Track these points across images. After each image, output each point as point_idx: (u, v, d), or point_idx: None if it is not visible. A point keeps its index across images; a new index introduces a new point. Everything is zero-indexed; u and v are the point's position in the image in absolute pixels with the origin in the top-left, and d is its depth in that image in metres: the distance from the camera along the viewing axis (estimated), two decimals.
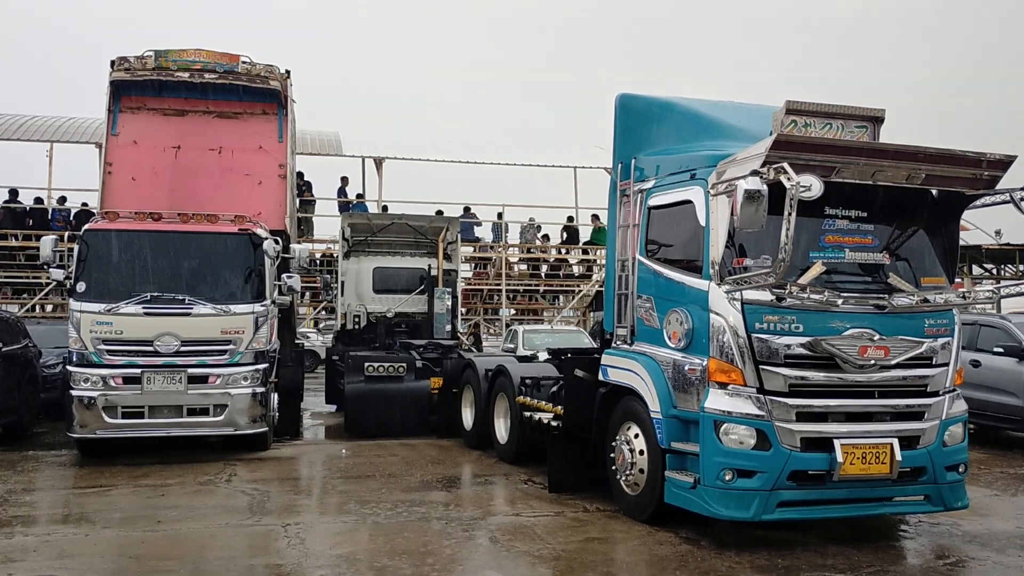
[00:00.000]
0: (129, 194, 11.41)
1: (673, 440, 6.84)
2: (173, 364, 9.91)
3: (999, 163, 6.64)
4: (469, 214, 22.89)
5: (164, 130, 12.08)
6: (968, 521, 7.50)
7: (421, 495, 8.34)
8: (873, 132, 6.96)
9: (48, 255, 10.24)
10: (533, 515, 7.60)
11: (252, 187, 12.01)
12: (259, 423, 10.30)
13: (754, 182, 5.76)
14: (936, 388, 6.82)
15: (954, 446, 6.88)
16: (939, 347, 6.83)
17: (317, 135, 22.80)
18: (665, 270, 7.21)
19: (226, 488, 8.67)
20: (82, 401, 9.73)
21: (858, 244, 6.74)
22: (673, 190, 7.19)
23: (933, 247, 7.12)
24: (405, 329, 15.09)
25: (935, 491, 6.78)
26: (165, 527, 7.13)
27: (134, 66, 11.83)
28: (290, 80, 12.54)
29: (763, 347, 6.42)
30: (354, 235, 16.05)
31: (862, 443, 6.46)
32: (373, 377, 12.04)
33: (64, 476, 9.44)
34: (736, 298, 6.41)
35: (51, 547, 6.52)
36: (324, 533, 7.03)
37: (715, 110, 7.80)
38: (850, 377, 6.53)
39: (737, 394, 6.43)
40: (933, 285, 6.96)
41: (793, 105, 6.69)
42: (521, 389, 9.79)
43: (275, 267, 10.85)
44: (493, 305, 24.41)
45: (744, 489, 6.35)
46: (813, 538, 6.92)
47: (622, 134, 8.02)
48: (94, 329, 9.81)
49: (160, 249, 10.29)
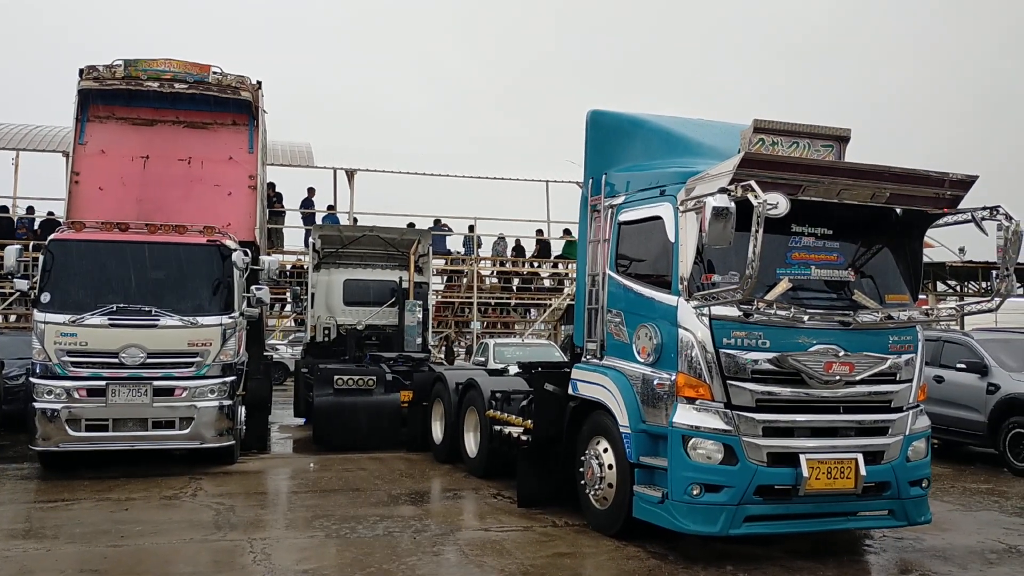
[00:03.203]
0: (96, 204, 11.28)
1: (642, 455, 6.87)
2: (139, 376, 9.79)
3: (961, 183, 6.78)
4: (440, 226, 22.88)
5: (133, 140, 11.96)
6: (931, 536, 7.59)
7: (389, 509, 8.30)
8: (839, 151, 7.07)
9: (12, 265, 10.09)
10: (502, 530, 7.59)
11: (221, 198, 11.91)
12: (226, 436, 10.19)
13: (722, 199, 5.83)
14: (900, 404, 6.92)
15: (917, 461, 6.98)
16: (903, 363, 6.93)
17: (288, 146, 22.67)
18: (635, 285, 7.26)
19: (191, 502, 8.56)
20: (45, 414, 9.57)
21: (824, 261, 6.83)
22: (643, 206, 7.25)
23: (898, 265, 7.23)
24: (375, 342, 15.01)
25: (899, 506, 6.87)
26: (129, 542, 7.02)
27: (103, 75, 11.70)
28: (261, 91, 12.47)
29: (731, 362, 6.47)
30: (325, 247, 15.98)
31: (827, 458, 6.53)
32: (342, 390, 11.97)
33: (26, 490, 9.26)
34: (704, 313, 6.47)
35: (11, 563, 6.39)
36: (291, 548, 6.96)
37: (684, 127, 7.89)
38: (816, 392, 6.61)
39: (705, 409, 6.48)
40: (897, 302, 7.08)
41: (761, 124, 6.78)
42: (491, 403, 9.78)
43: (244, 279, 10.76)
44: (464, 318, 24.38)
45: (711, 504, 6.39)
46: (779, 552, 6.98)
47: (593, 150, 8.08)
48: (58, 340, 9.67)
49: (127, 260, 10.18)
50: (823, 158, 6.90)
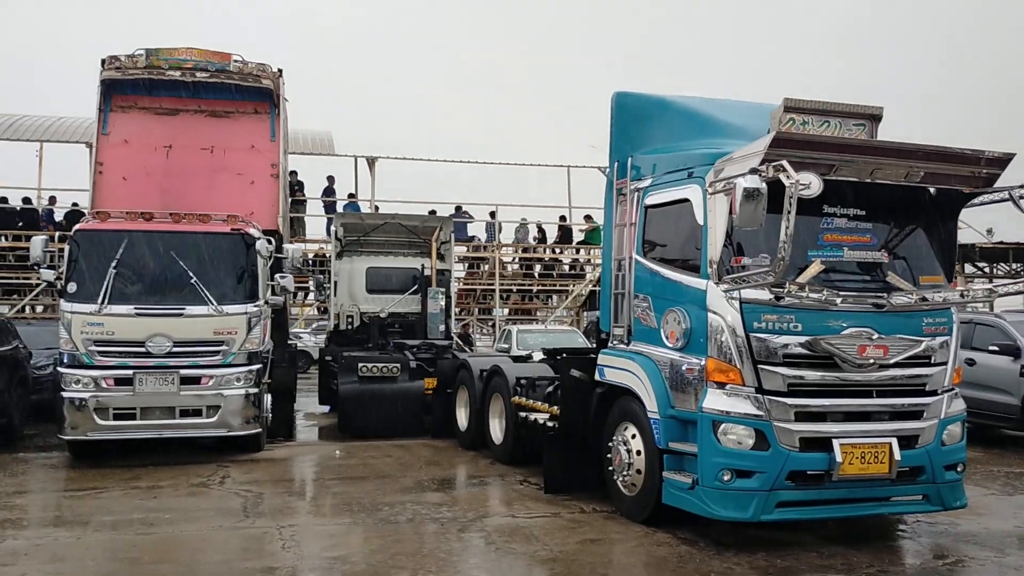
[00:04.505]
0: (120, 194, 11.32)
1: (671, 440, 6.79)
2: (165, 365, 9.82)
3: (997, 161, 6.62)
4: (461, 213, 22.80)
5: (155, 129, 11.97)
6: (966, 520, 7.47)
7: (416, 496, 8.28)
8: (871, 130, 6.91)
9: (38, 255, 10.13)
10: (529, 516, 7.55)
11: (244, 187, 11.92)
12: (252, 424, 10.22)
13: (753, 180, 5.71)
14: (935, 387, 6.79)
15: (952, 445, 6.85)
16: (938, 346, 6.79)
17: (309, 134, 22.67)
18: (662, 269, 7.16)
19: (219, 490, 8.58)
20: (73, 403, 9.63)
21: (857, 243, 6.70)
22: (670, 189, 7.14)
23: (931, 245, 7.08)
24: (399, 329, 15.01)
25: (934, 491, 6.75)
26: (158, 530, 7.04)
27: (125, 65, 11.71)
28: (282, 79, 12.45)
29: (761, 346, 6.37)
30: (346, 235, 15.96)
31: (861, 443, 6.42)
32: (366, 377, 11.97)
33: (55, 479, 9.35)
34: (734, 297, 6.37)
35: (42, 551, 6.43)
36: (318, 535, 6.96)
37: (712, 108, 7.76)
38: (849, 376, 6.49)
39: (735, 394, 6.39)
40: (931, 284, 6.92)
41: (791, 103, 6.64)
42: (516, 389, 9.73)
43: (268, 267, 10.76)
44: (487, 305, 24.33)
45: (743, 490, 6.30)
46: (812, 538, 6.89)
47: (619, 132, 7.96)
48: (85, 330, 9.72)
49: (152, 249, 10.18)
50: (855, 137, 6.76)
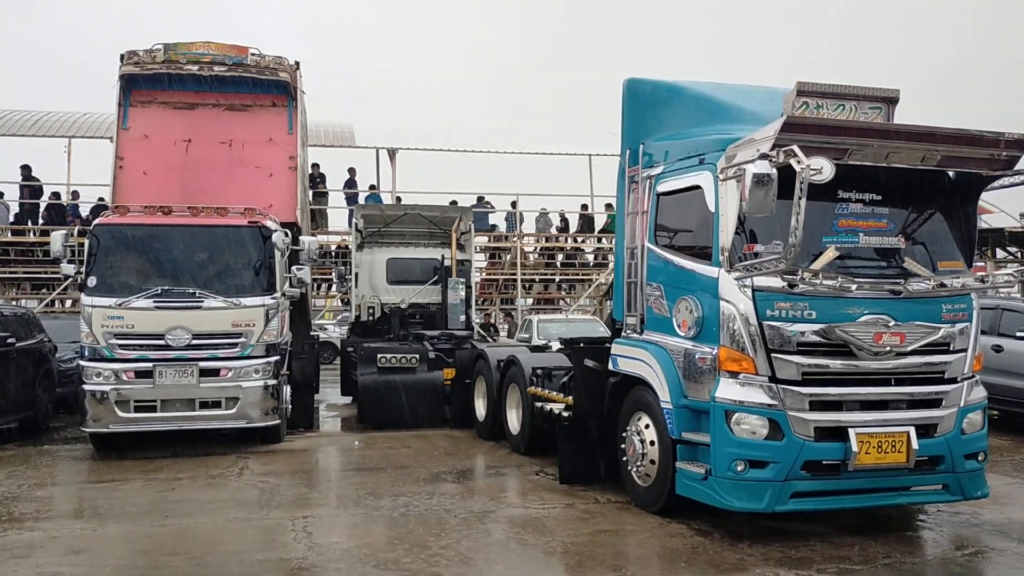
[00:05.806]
0: (141, 188, 11.40)
1: (684, 430, 6.73)
2: (185, 358, 9.90)
3: (1017, 143, 6.46)
4: (483, 203, 22.77)
5: (174, 123, 12.05)
6: (988, 510, 7.33)
7: (433, 487, 8.29)
8: (887, 113, 6.79)
9: (58, 250, 10.26)
10: (544, 507, 7.53)
11: (263, 179, 11.97)
12: (271, 416, 10.28)
13: (763, 165, 5.63)
14: (954, 375, 6.66)
15: (973, 434, 6.72)
16: (957, 333, 6.66)
17: (330, 127, 22.74)
18: (675, 257, 7.08)
19: (237, 482, 8.65)
20: (95, 395, 9.74)
21: (872, 228, 6.58)
22: (682, 175, 7.05)
23: (950, 230, 6.94)
24: (419, 320, 15.05)
25: (953, 480, 6.63)
26: (174, 521, 7.11)
27: (143, 60, 11.79)
28: (300, 72, 12.46)
29: (775, 335, 6.28)
30: (367, 226, 16.00)
31: (878, 432, 6.31)
32: (386, 368, 12.00)
33: (77, 471, 9.48)
34: (747, 285, 6.28)
35: (58, 543, 6.51)
36: (334, 526, 6.99)
37: (724, 93, 7.65)
38: (865, 364, 6.38)
39: (749, 383, 6.31)
40: (950, 269, 6.78)
41: (804, 86, 6.52)
42: (532, 379, 9.70)
43: (285, 259, 10.81)
44: (509, 295, 24.30)
45: (757, 480, 6.23)
46: (828, 529, 6.79)
47: (630, 119, 7.87)
48: (105, 323, 9.82)
49: (170, 243, 10.28)
50: (870, 120, 6.63)
